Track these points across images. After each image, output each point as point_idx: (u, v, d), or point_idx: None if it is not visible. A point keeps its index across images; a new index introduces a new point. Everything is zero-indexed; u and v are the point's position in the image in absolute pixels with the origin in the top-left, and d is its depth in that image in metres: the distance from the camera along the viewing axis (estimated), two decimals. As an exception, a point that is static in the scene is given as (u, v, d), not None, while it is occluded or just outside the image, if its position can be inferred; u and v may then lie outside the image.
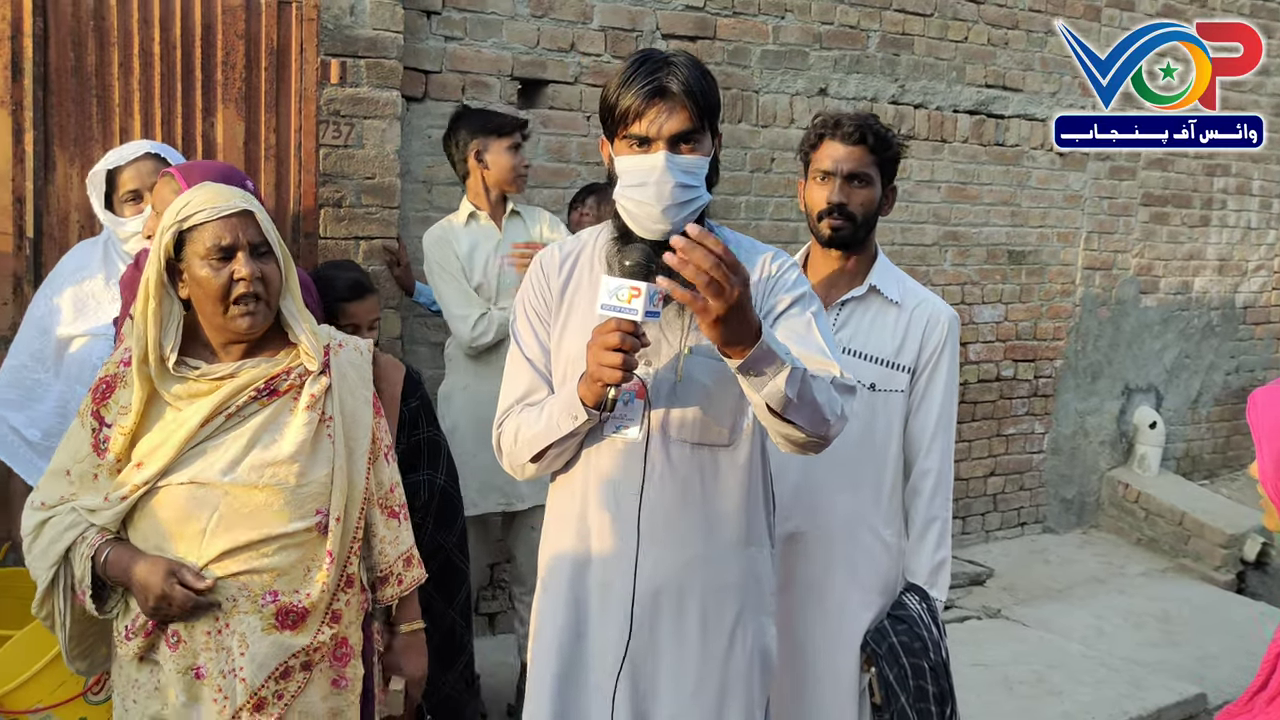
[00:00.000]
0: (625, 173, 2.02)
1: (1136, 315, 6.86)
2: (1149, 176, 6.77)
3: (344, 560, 2.23)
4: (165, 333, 2.14)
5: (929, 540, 2.66)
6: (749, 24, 5.15)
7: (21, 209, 3.50)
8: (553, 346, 2.16)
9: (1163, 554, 6.56)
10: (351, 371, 2.30)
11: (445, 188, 4.41)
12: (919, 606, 2.63)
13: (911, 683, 2.55)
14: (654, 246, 1.97)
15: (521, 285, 2.22)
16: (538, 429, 2.07)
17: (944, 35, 5.81)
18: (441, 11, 4.35)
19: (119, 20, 3.60)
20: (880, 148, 2.61)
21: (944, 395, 2.66)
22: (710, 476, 2.11)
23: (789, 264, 2.16)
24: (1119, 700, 4.52)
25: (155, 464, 2.12)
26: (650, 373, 2.07)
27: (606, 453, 2.10)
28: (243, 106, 3.80)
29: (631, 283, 1.87)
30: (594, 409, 1.98)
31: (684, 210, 2.00)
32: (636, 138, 2.00)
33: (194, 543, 2.13)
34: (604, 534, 2.11)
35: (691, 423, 2.08)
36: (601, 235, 2.17)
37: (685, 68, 2.00)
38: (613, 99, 2.01)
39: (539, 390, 2.15)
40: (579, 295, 2.14)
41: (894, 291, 2.67)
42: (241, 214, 2.15)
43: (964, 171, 6.01)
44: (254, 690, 2.13)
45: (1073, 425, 6.70)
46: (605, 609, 2.11)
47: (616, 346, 1.87)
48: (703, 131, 2.02)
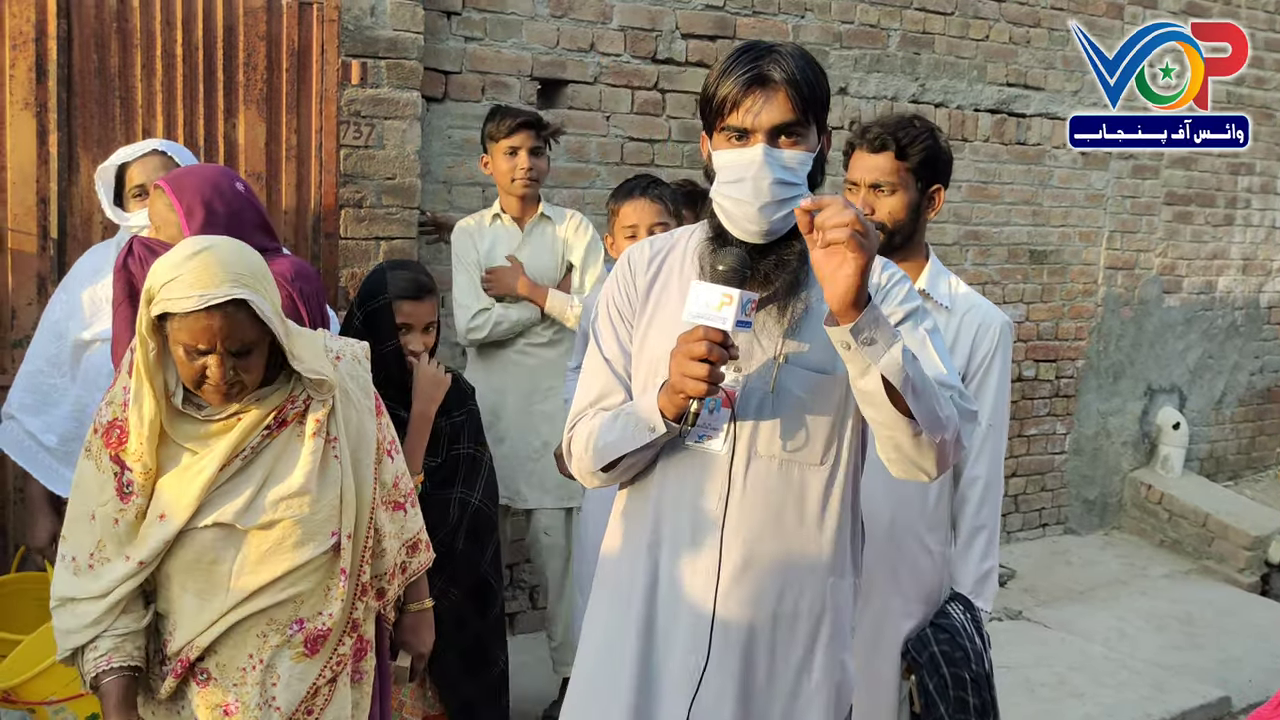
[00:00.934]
0: (722, 168, 1.88)
1: (1159, 315, 6.81)
2: (1172, 175, 6.72)
3: (356, 571, 2.23)
4: (168, 370, 2.07)
5: (975, 549, 2.63)
6: (769, 23, 5.14)
7: (45, 210, 3.53)
8: (635, 349, 2.01)
9: (1186, 556, 6.51)
10: (352, 384, 2.27)
11: (465, 188, 4.41)
12: (963, 616, 2.60)
13: (951, 693, 2.52)
14: (751, 250, 1.86)
15: (606, 282, 2.10)
16: (611, 437, 1.92)
17: (965, 34, 5.78)
18: (461, 12, 4.35)
19: (142, 22, 3.61)
20: (905, 153, 2.57)
21: (995, 402, 2.62)
22: (798, 497, 1.93)
23: (899, 276, 1.98)
24: (1141, 703, 4.49)
25: (179, 516, 2.06)
26: (740, 380, 1.90)
27: (685, 464, 1.94)
28: (264, 108, 3.81)
29: (724, 289, 1.74)
30: (674, 421, 1.84)
31: (783, 209, 1.84)
32: (734, 129, 1.85)
33: (220, 584, 2.11)
34: (680, 553, 1.95)
35: (782, 437, 1.91)
36: (695, 234, 2.01)
37: (790, 56, 1.85)
38: (711, 89, 1.88)
39: (615, 393, 2.00)
40: (666, 295, 1.99)
41: (945, 296, 2.64)
42: (226, 310, 1.98)
43: (985, 171, 5.98)
44: (288, 716, 2.15)
45: (1095, 426, 6.66)
46: (675, 633, 1.95)
47: (703, 357, 1.75)
48: (806, 125, 1.86)
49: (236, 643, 2.13)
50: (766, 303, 1.89)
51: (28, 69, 3.47)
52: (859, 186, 2.59)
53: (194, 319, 1.97)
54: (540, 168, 3.82)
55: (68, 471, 2.93)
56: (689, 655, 1.93)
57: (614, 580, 2.05)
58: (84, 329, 2.99)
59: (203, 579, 2.11)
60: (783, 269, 1.89)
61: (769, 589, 1.94)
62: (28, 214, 3.51)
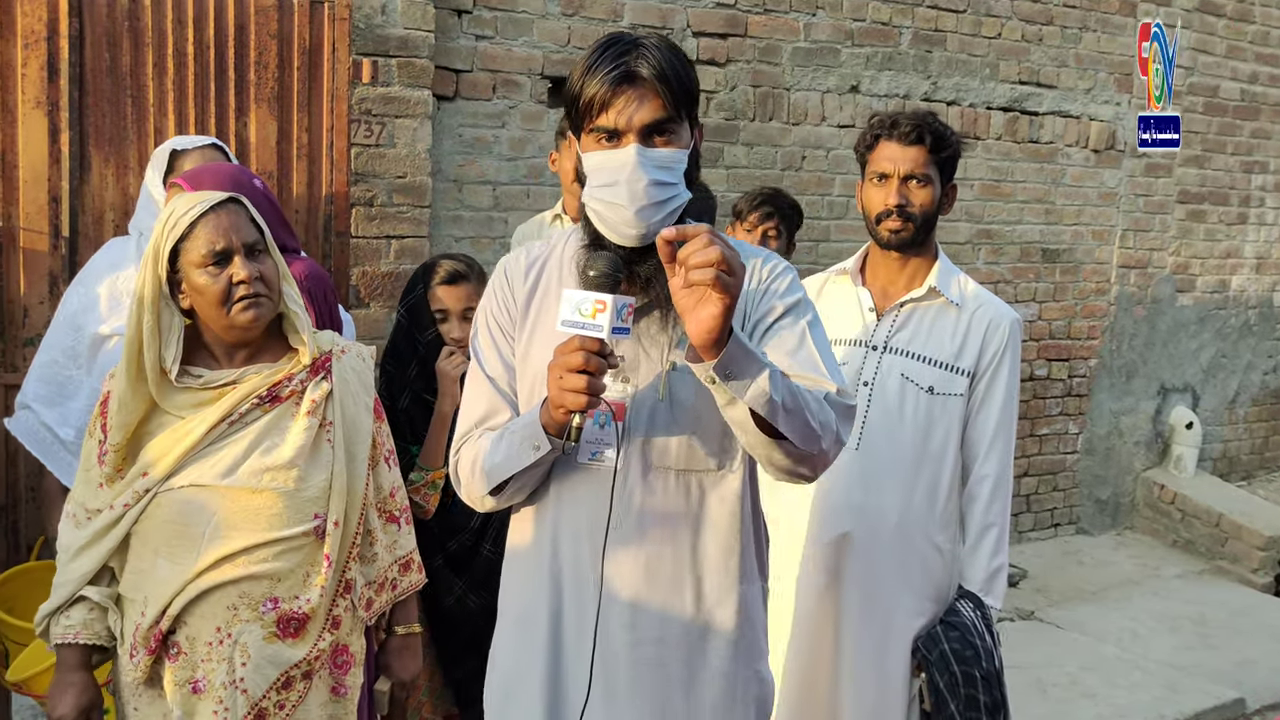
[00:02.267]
0: (594, 171, 1.79)
1: (1172, 314, 6.78)
2: (1185, 174, 6.69)
3: (342, 565, 2.22)
4: (166, 344, 2.15)
5: (985, 547, 2.62)
6: (780, 21, 5.12)
7: (57, 208, 3.53)
8: (518, 362, 1.92)
9: (1199, 556, 6.48)
10: (353, 377, 2.30)
11: (475, 186, 4.41)
12: (973, 614, 2.59)
13: (962, 691, 2.52)
14: (627, 254, 1.77)
15: (484, 294, 1.99)
16: (497, 459, 1.82)
17: (977, 31, 5.76)
18: (472, 10, 4.35)
19: (153, 21, 3.62)
20: (938, 147, 2.58)
21: (1004, 400, 2.62)
22: (698, 507, 1.86)
23: (781, 268, 1.92)
24: (1155, 704, 4.47)
25: (159, 471, 2.13)
26: (629, 392, 1.83)
27: (580, 483, 1.85)
28: (275, 106, 3.81)
29: (596, 295, 1.64)
30: (558, 437, 1.75)
31: (660, 211, 1.76)
32: (604, 130, 1.75)
33: (192, 547, 2.12)
34: (582, 575, 1.85)
35: (676, 448, 1.83)
36: (571, 239, 1.94)
37: (657, 50, 1.76)
38: (576, 88, 1.77)
39: (501, 412, 1.90)
40: (545, 305, 1.90)
41: (955, 293, 2.63)
42: (230, 206, 2.15)
43: (997, 169, 5.96)
44: (255, 702, 2.12)
45: (1107, 425, 6.63)
46: (583, 658, 1.84)
47: (580, 368, 1.63)
48: (679, 121, 1.78)
49: (205, 613, 2.13)
50: (649, 310, 1.82)
51: (40, 68, 3.48)
52: (890, 178, 2.58)
53: (203, 225, 2.11)
54: None
55: None
56: (599, 680, 1.84)
57: (517, 609, 1.96)
58: (101, 323, 3.00)
59: (175, 541, 2.13)
60: (662, 273, 1.75)
61: (677, 604, 1.86)
62: (39, 212, 3.51)
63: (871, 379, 2.62)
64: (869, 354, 2.64)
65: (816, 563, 2.64)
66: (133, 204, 3.60)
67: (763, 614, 1.99)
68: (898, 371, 2.61)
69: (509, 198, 4.50)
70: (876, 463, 2.60)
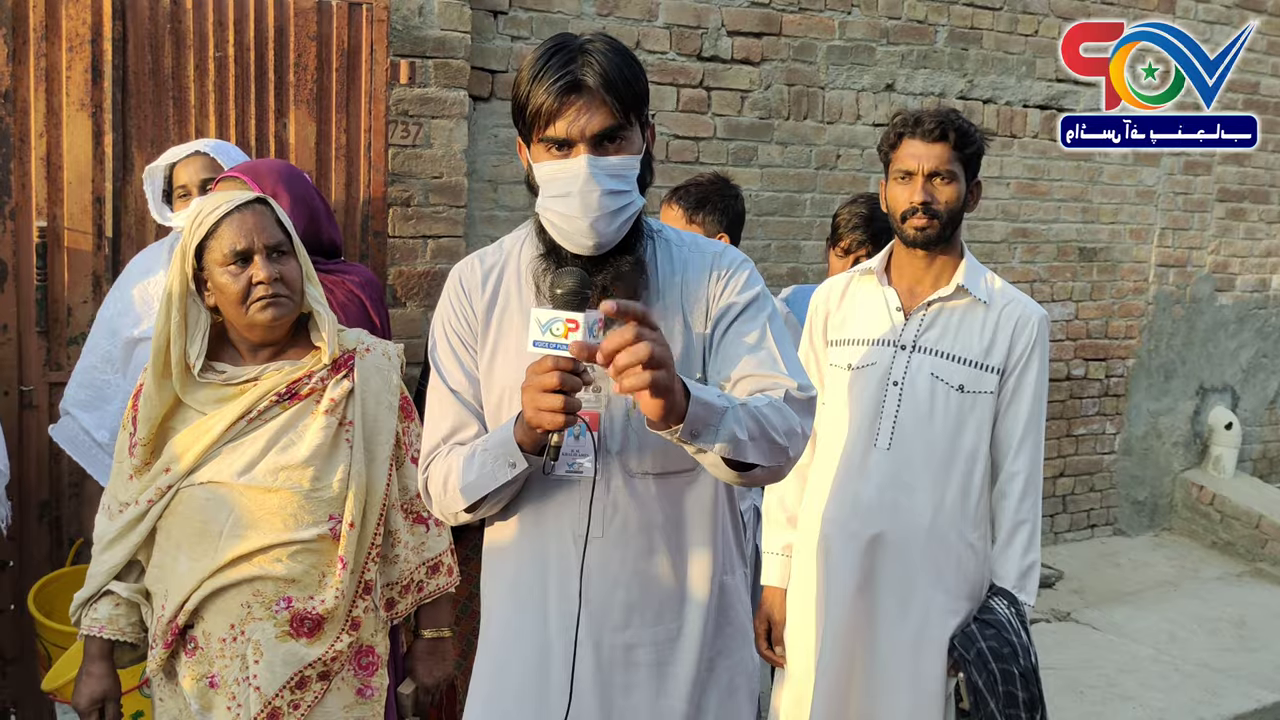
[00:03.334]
0: (546, 182, 1.77)
1: (1212, 313, 6.71)
2: (1225, 171, 6.62)
3: (360, 567, 2.22)
4: (191, 340, 2.19)
5: (1017, 544, 2.61)
6: (815, 19, 5.12)
7: (101, 209, 3.59)
8: (482, 375, 1.90)
9: (1238, 558, 6.41)
10: (376, 376, 2.29)
11: (511, 186, 4.43)
12: (1007, 611, 2.58)
13: (1001, 689, 2.51)
14: (586, 263, 1.76)
15: (440, 303, 1.96)
16: (471, 477, 1.81)
17: (1014, 29, 5.72)
18: (508, 11, 4.37)
19: (194, 24, 3.66)
20: (963, 144, 2.56)
21: (1034, 397, 2.62)
22: (678, 507, 1.88)
23: (739, 262, 1.91)
24: (1193, 706, 4.43)
25: (181, 467, 2.17)
26: (601, 400, 1.83)
27: (558, 494, 1.85)
28: (314, 107, 3.85)
29: (567, 314, 1.60)
30: (535, 454, 1.75)
31: (616, 219, 1.76)
32: (554, 141, 1.74)
33: (211, 543, 2.15)
34: (563, 582, 1.86)
35: (652, 452, 1.84)
36: (525, 248, 1.91)
37: (603, 55, 1.73)
38: (523, 97, 1.75)
39: (468, 426, 1.89)
40: (508, 319, 1.88)
41: (982, 291, 2.62)
42: (256, 207, 2.18)
43: (1034, 167, 5.92)
44: (268, 700, 2.14)
45: (1145, 426, 6.57)
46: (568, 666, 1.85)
47: (556, 388, 1.60)
48: (629, 127, 1.76)
49: (220, 609, 2.16)
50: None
51: (84, 70, 3.53)
52: (914, 175, 2.57)
53: (227, 224, 2.15)
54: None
55: None
56: (593, 676, 1.86)
57: (501, 618, 1.96)
58: (134, 326, 3.04)
59: (195, 538, 2.16)
60: (620, 282, 1.79)
61: (666, 603, 1.88)
62: (84, 213, 3.57)
63: (901, 378, 2.62)
64: (898, 353, 2.64)
65: (849, 565, 2.64)
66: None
67: (747, 599, 2.02)
68: (927, 370, 2.60)
69: (544, 197, 4.52)
70: (908, 462, 2.60)
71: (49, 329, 3.55)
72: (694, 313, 1.88)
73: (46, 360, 3.57)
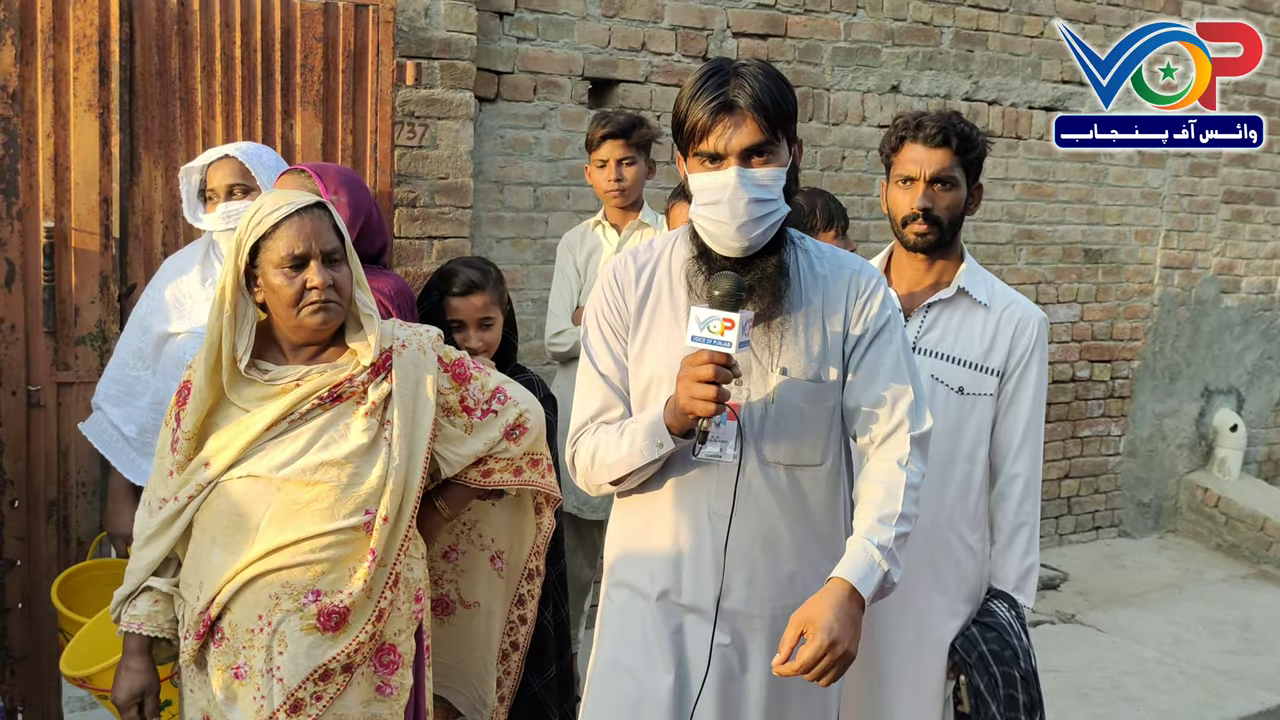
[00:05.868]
0: (699, 190, 1.97)
1: (1217, 315, 6.70)
2: (1230, 173, 6.61)
3: (392, 560, 2.24)
4: (240, 334, 2.21)
5: (1017, 546, 2.61)
6: (820, 21, 5.12)
7: (108, 209, 3.60)
8: (631, 364, 2.10)
9: (1243, 560, 6.40)
10: (412, 373, 2.30)
11: (516, 188, 4.45)
12: (1008, 614, 2.59)
13: (1002, 691, 2.51)
14: (734, 264, 1.96)
15: (593, 295, 2.16)
16: (619, 454, 2.02)
17: (1019, 31, 5.72)
18: (514, 13, 4.38)
19: (201, 25, 3.67)
20: (964, 149, 2.55)
21: (1033, 399, 2.61)
22: (804, 496, 2.08)
23: (875, 282, 2.11)
24: (1199, 709, 4.43)
25: (220, 463, 2.19)
26: (742, 393, 2.02)
27: (697, 475, 2.05)
28: (320, 109, 3.86)
29: (724, 314, 1.83)
30: (681, 437, 1.96)
31: (761, 225, 1.95)
32: (707, 154, 1.94)
33: (246, 537, 2.17)
34: (699, 558, 2.06)
35: (786, 444, 2.04)
36: (677, 248, 2.11)
37: (754, 78, 1.93)
38: (681, 115, 1.96)
39: (615, 408, 2.10)
40: (659, 314, 2.08)
41: (982, 293, 2.62)
42: (315, 212, 2.20)
43: (1039, 169, 5.92)
44: (291, 691, 2.15)
45: (1150, 427, 6.57)
46: (700, 636, 2.07)
47: (710, 379, 1.84)
48: (776, 142, 1.95)
49: (248, 601, 2.17)
50: (756, 319, 1.98)
51: (91, 71, 3.54)
52: (916, 180, 2.56)
53: (286, 227, 2.16)
54: (631, 175, 3.78)
55: (145, 463, 3.01)
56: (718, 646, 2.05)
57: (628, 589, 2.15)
58: (165, 324, 3.08)
59: (231, 531, 2.18)
60: (765, 283, 1.98)
61: (787, 586, 2.07)
62: (91, 214, 3.58)
63: None
64: None
65: None
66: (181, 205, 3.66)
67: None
68: (927, 372, 2.60)
69: (549, 199, 4.53)
70: None
71: (56, 329, 3.56)
72: (832, 320, 2.07)
73: (54, 360, 3.58)
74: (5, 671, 3.58)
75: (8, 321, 3.52)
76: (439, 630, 2.60)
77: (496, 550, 2.67)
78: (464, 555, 2.67)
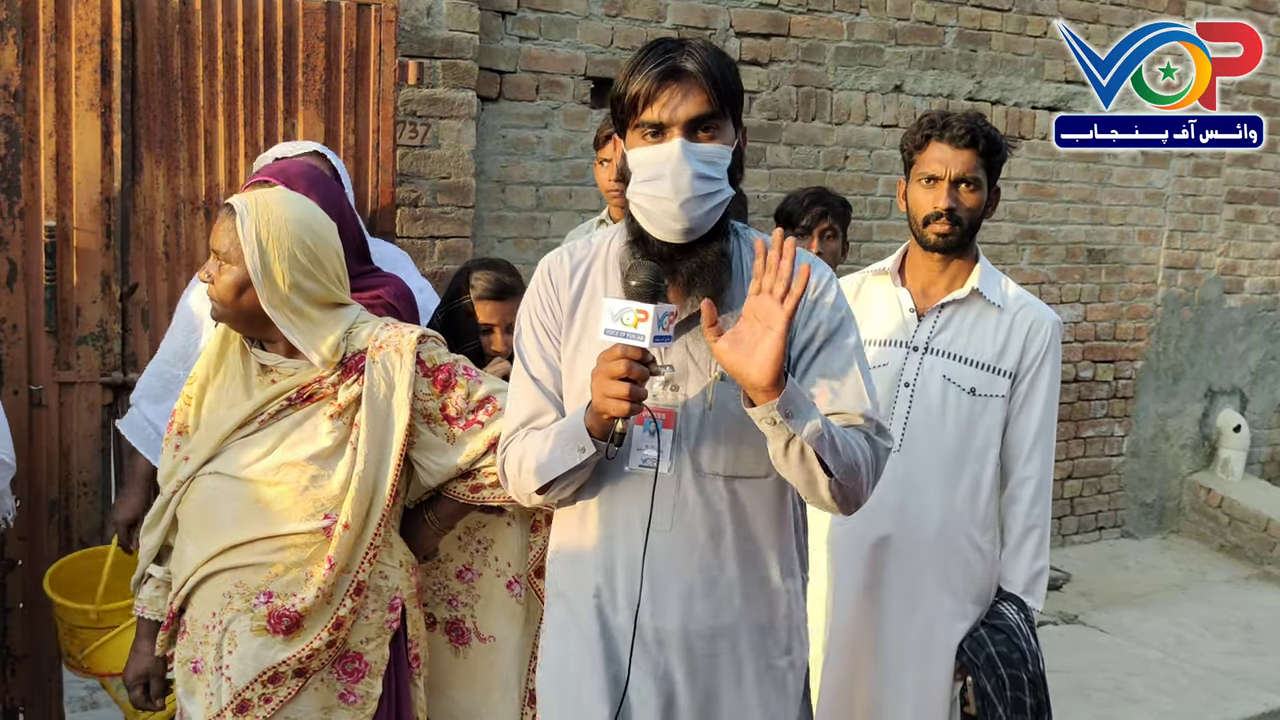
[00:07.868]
0: (638, 166, 1.81)
1: (1220, 316, 6.69)
2: (1234, 174, 6.60)
3: (355, 567, 2.17)
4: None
5: (1027, 549, 2.61)
6: (823, 20, 5.11)
7: (110, 209, 3.59)
8: (565, 367, 1.95)
9: (1247, 561, 6.39)
10: (385, 377, 2.22)
11: (519, 187, 4.44)
12: (1017, 616, 2.58)
13: (1009, 694, 2.50)
14: (673, 251, 1.82)
15: (526, 294, 2.02)
16: (543, 460, 1.87)
17: (1022, 30, 5.71)
18: (516, 12, 4.38)
19: (203, 24, 3.67)
20: (990, 150, 2.54)
21: (1046, 402, 2.60)
22: (745, 510, 1.91)
23: (827, 279, 1.94)
24: (1201, 710, 4.42)
25: (196, 459, 2.22)
26: (679, 400, 1.88)
27: (629, 486, 1.90)
28: (323, 108, 3.85)
29: (638, 305, 1.68)
30: (602, 440, 1.81)
31: (704, 205, 1.79)
32: (649, 125, 1.78)
33: (213, 533, 2.17)
34: (629, 574, 1.90)
35: (725, 454, 1.88)
36: (615, 240, 1.95)
37: (702, 50, 1.79)
38: (622, 86, 1.80)
39: (546, 413, 1.95)
40: (593, 313, 1.90)
41: (996, 295, 2.62)
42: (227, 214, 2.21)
43: (1042, 169, 5.91)
44: (238, 691, 2.13)
45: (1153, 428, 6.56)
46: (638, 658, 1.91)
47: (623, 375, 1.69)
48: (723, 118, 1.81)
49: (205, 597, 2.18)
50: (696, 320, 1.82)
51: (93, 70, 3.54)
52: (940, 180, 2.54)
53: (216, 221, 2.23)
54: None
55: None
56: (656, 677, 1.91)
57: (565, 606, 2.01)
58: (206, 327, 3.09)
59: (201, 525, 2.20)
60: (705, 272, 1.83)
61: (726, 601, 1.91)
62: (93, 213, 3.57)
63: (913, 380, 2.61)
64: (910, 355, 2.63)
65: (856, 565, 2.63)
66: (183, 204, 3.67)
67: (804, 606, 2.05)
68: (939, 373, 2.60)
69: (552, 198, 4.53)
70: (918, 464, 2.59)
71: (58, 328, 3.56)
72: None
73: (55, 360, 3.58)
74: (6, 671, 3.58)
75: (9, 321, 3.52)
76: (454, 662, 2.52)
77: (514, 575, 2.53)
78: (479, 578, 2.54)
